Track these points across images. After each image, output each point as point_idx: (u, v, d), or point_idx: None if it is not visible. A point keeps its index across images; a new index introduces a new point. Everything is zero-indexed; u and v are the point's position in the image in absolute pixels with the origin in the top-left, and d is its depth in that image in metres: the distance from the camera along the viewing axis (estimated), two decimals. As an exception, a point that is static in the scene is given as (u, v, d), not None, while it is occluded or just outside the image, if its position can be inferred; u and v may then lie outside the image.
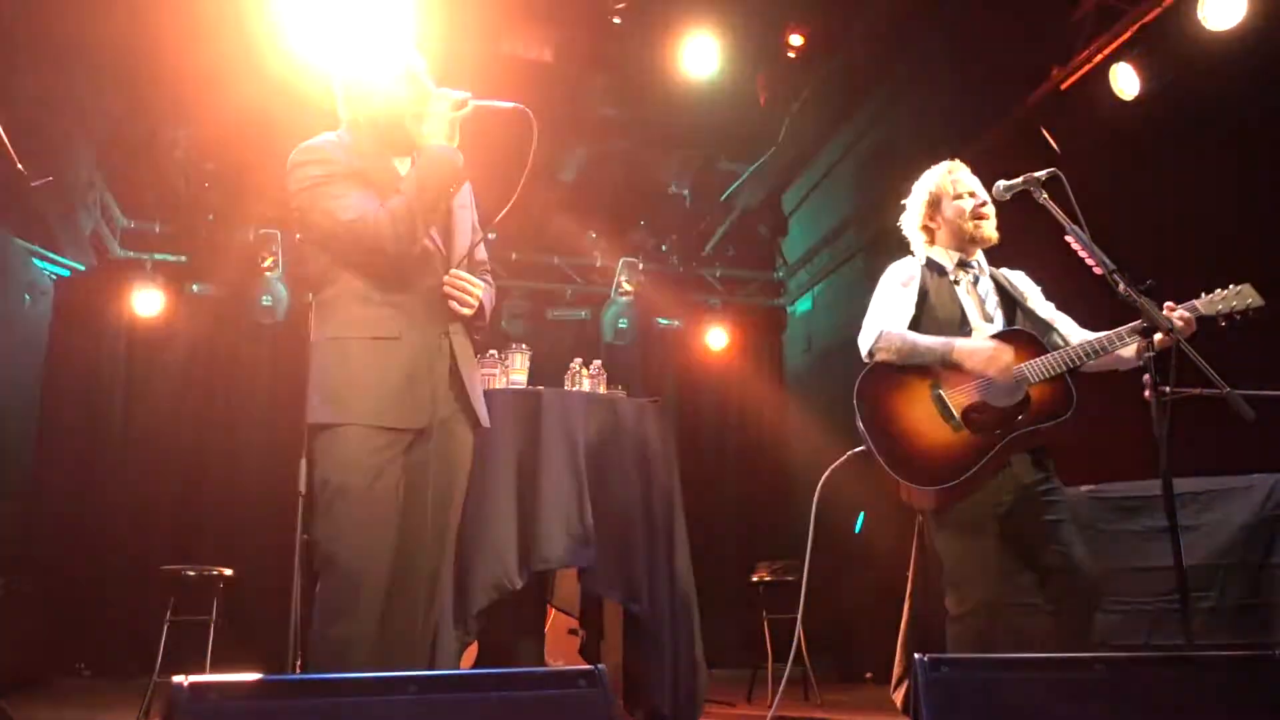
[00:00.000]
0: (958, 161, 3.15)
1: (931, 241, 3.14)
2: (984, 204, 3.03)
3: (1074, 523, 2.84)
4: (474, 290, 2.53)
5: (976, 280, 3.06)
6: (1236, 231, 4.60)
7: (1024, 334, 2.90)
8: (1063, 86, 5.24)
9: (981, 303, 3.02)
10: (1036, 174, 2.83)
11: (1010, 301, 3.04)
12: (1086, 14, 5.08)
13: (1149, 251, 4.39)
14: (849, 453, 3.13)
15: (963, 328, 2.96)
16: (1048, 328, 3.01)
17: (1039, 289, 3.17)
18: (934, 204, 3.10)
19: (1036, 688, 1.86)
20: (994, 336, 2.91)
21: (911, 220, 3.17)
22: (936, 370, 2.89)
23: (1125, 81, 4.92)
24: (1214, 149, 4.69)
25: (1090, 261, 2.70)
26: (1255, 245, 4.52)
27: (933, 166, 3.16)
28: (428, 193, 2.38)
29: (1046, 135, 5.26)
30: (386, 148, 2.57)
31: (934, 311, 2.99)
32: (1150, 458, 2.56)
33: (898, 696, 3.51)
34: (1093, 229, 2.73)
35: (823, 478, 3.25)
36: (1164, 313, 2.70)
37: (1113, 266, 2.65)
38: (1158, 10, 4.70)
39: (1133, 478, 3.96)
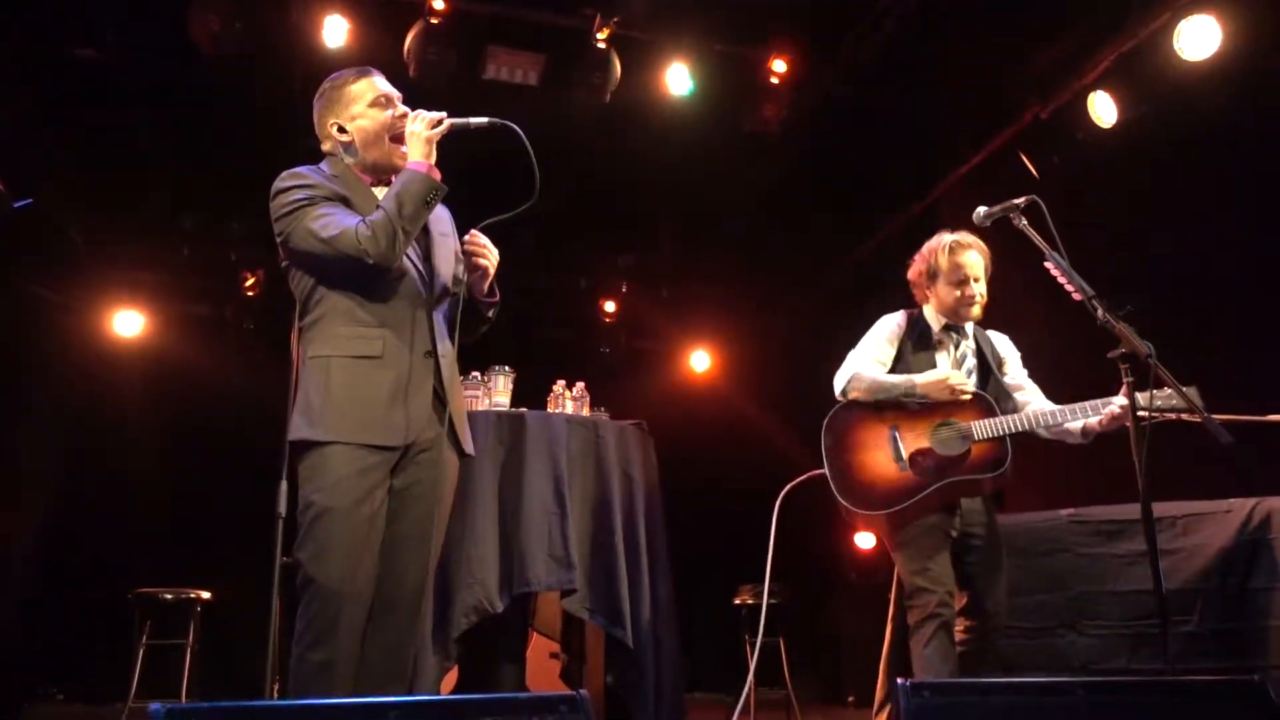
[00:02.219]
0: (966, 238, 3.29)
1: (925, 300, 3.39)
2: (973, 297, 3.25)
3: (1000, 569, 3.21)
4: (493, 249, 2.61)
5: (958, 344, 3.33)
6: (1211, 255, 4.65)
7: (983, 398, 3.18)
8: (1043, 115, 5.30)
9: (959, 365, 3.29)
10: (1016, 201, 2.89)
11: (986, 368, 3.31)
12: (1066, 44, 5.15)
13: (1124, 276, 4.45)
14: (807, 474, 3.46)
15: None
16: (1008, 396, 3.29)
17: (1018, 355, 3.43)
18: (932, 276, 3.33)
19: (1018, 712, 1.87)
20: None
21: (913, 273, 3.41)
22: (898, 416, 3.22)
23: (1103, 110, 4.98)
24: (1190, 175, 4.75)
25: (1069, 287, 2.74)
26: (1230, 269, 4.59)
27: (943, 236, 3.33)
28: (406, 206, 2.41)
29: (1026, 162, 5.32)
30: (368, 174, 2.62)
31: (908, 371, 3.28)
32: (1130, 482, 2.59)
33: (880, 720, 3.50)
34: (1071, 255, 2.76)
35: (781, 494, 3.56)
36: (1107, 400, 2.99)
37: (1091, 292, 2.69)
38: (1135, 41, 4.77)
39: (1112, 502, 3.98)
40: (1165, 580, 2.57)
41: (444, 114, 2.53)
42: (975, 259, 3.27)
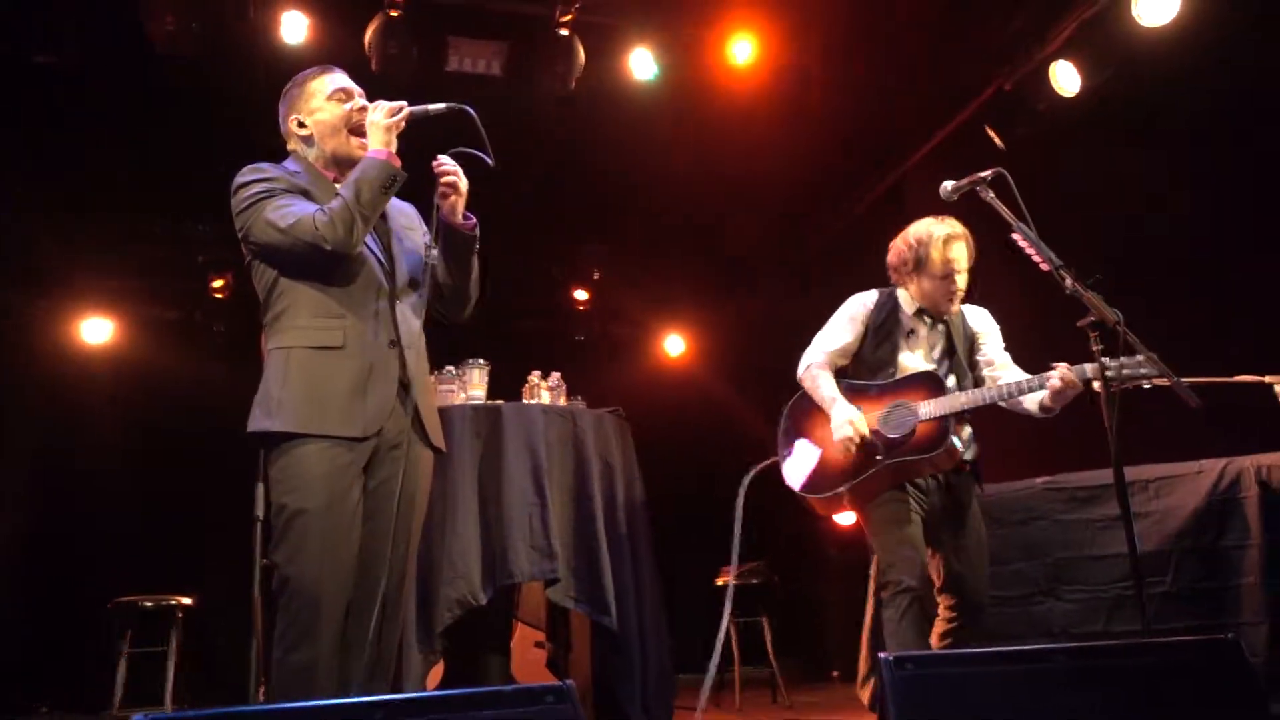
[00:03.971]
0: (956, 229, 3.22)
1: (903, 285, 3.33)
2: (957, 291, 3.21)
3: (975, 548, 3.15)
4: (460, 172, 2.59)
5: (931, 328, 3.28)
6: (1177, 220, 4.70)
7: (931, 377, 3.15)
8: (1006, 87, 5.32)
9: (929, 349, 3.26)
10: (982, 174, 2.89)
11: (954, 351, 3.27)
12: (1027, 12, 5.17)
13: (1093, 245, 4.49)
14: (768, 461, 3.45)
15: (889, 369, 3.24)
16: (969, 375, 3.25)
17: (997, 330, 3.36)
18: (918, 265, 3.24)
19: (999, 680, 1.89)
20: (906, 379, 3.19)
21: (895, 258, 3.32)
22: (855, 399, 3.21)
23: (1065, 79, 5.01)
24: (1153, 141, 4.79)
25: (1037, 258, 2.76)
26: (1196, 233, 4.64)
27: (933, 227, 3.24)
28: (364, 192, 2.41)
29: (991, 134, 5.34)
30: (330, 169, 2.62)
31: (870, 352, 3.29)
32: (1103, 447, 2.62)
33: (864, 694, 3.54)
34: (1037, 225, 2.78)
35: (745, 480, 3.54)
36: (1051, 370, 2.95)
37: (1059, 263, 2.71)
38: (1094, 8, 4.80)
39: (1087, 468, 4.02)
40: (1140, 543, 2.62)
41: (404, 103, 2.53)
42: (963, 252, 3.21)
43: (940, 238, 3.19)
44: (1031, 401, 3.07)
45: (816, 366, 3.29)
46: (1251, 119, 4.42)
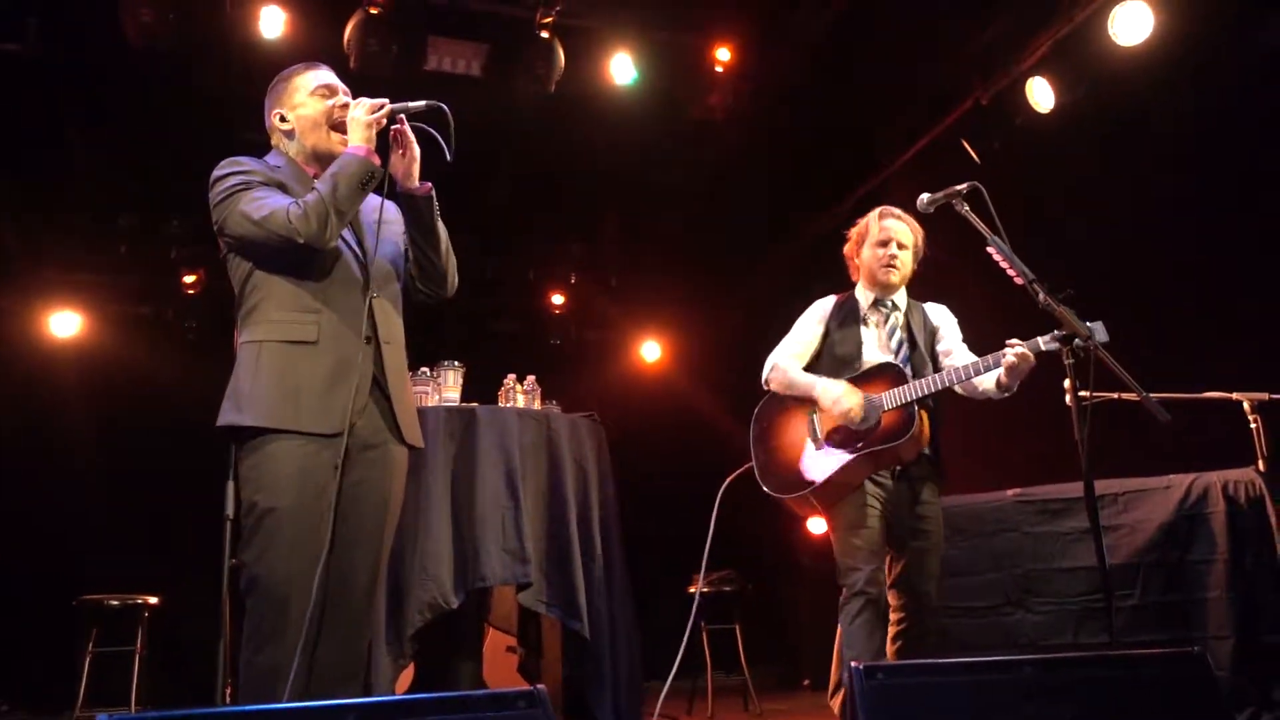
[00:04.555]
0: (897, 211, 3.37)
1: (855, 275, 3.45)
2: (894, 258, 3.30)
3: (930, 549, 3.20)
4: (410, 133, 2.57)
5: (888, 318, 3.36)
6: (1148, 236, 4.75)
7: (892, 367, 3.23)
8: (983, 101, 5.37)
9: (888, 340, 3.33)
10: (958, 187, 2.93)
11: (914, 341, 3.34)
12: (1003, 28, 5.22)
13: (1068, 258, 4.54)
14: (743, 467, 3.49)
15: (854, 363, 3.30)
16: (929, 365, 3.30)
17: (954, 322, 3.43)
18: (859, 243, 3.41)
19: (968, 691, 1.90)
20: (868, 371, 3.25)
21: (846, 250, 3.48)
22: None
23: (1041, 95, 5.06)
24: (1125, 157, 4.85)
25: (1011, 272, 2.78)
26: (1166, 250, 4.69)
27: (875, 209, 3.41)
28: (341, 187, 2.40)
29: (968, 148, 5.39)
30: (311, 165, 2.60)
31: (834, 348, 3.36)
32: (1073, 460, 2.64)
33: (835, 703, 3.54)
34: (1011, 239, 2.80)
35: (722, 486, 3.62)
36: (1005, 348, 2.98)
37: (1032, 276, 2.74)
38: (1070, 26, 4.85)
39: (1057, 481, 4.06)
40: (1109, 556, 2.65)
41: (385, 100, 2.52)
42: (901, 227, 3.33)
43: (877, 212, 3.39)
44: (988, 380, 3.12)
45: (781, 365, 3.37)
46: (1225, 134, 4.48)
